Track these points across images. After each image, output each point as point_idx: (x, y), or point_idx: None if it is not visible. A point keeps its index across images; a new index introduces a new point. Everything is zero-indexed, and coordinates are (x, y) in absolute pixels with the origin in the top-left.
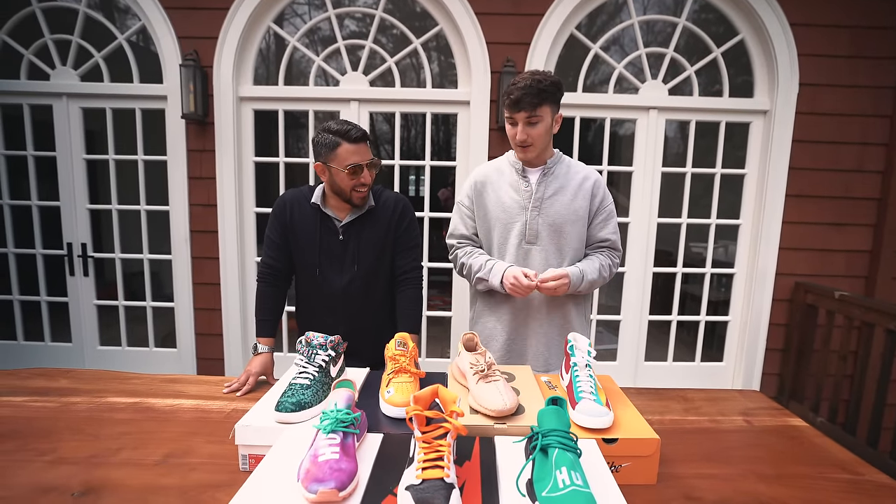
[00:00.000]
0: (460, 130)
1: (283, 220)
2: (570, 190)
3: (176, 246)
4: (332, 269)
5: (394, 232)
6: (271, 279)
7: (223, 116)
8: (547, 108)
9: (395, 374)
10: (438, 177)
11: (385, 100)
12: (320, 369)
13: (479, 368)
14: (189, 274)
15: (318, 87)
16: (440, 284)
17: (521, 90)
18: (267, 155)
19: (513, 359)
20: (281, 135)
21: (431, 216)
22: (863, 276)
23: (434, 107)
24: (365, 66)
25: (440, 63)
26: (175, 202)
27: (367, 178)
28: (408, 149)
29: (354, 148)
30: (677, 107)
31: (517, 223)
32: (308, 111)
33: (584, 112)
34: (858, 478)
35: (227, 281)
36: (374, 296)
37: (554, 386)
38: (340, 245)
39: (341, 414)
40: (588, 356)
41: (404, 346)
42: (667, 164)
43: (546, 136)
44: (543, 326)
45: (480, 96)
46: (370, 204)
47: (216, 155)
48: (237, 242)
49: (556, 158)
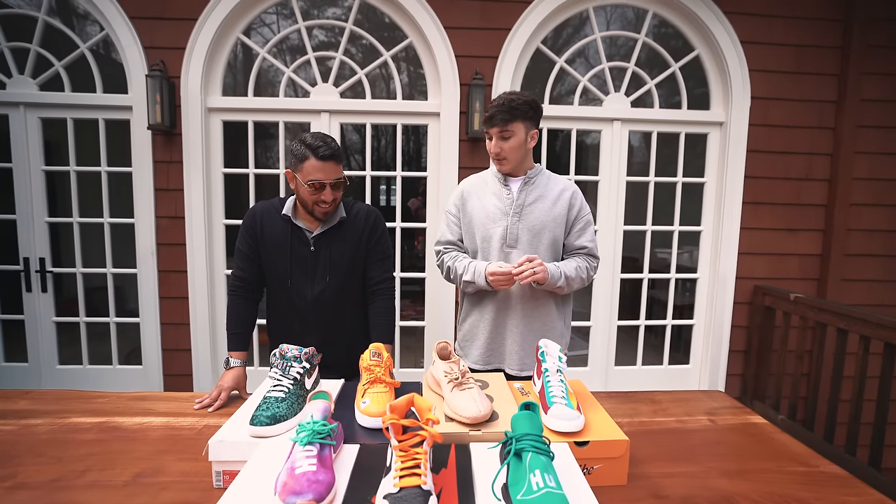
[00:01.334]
0: (431, 141)
1: (254, 232)
2: (550, 198)
3: (141, 259)
4: (303, 281)
5: (365, 243)
6: (242, 292)
7: (191, 127)
8: (519, 124)
9: (370, 385)
10: (409, 187)
11: (356, 111)
12: (295, 382)
13: (453, 377)
14: (155, 288)
15: (288, 97)
16: (412, 294)
17: (494, 108)
18: (236, 166)
19: (493, 358)
20: (251, 146)
21: (403, 226)
22: (815, 278)
23: (404, 118)
24: (335, 78)
25: (410, 74)
26: (141, 214)
27: (328, 196)
28: (378, 159)
29: (320, 165)
30: (639, 118)
31: (499, 228)
32: (278, 122)
33: (550, 123)
34: (813, 469)
35: (196, 294)
36: (346, 307)
37: (526, 392)
38: (312, 256)
39: (318, 425)
40: (559, 361)
41: (379, 356)
42: (631, 173)
43: (519, 150)
44: (520, 327)
45: (450, 108)
46: (341, 215)
47: (184, 166)
48: (206, 255)
49: (537, 170)
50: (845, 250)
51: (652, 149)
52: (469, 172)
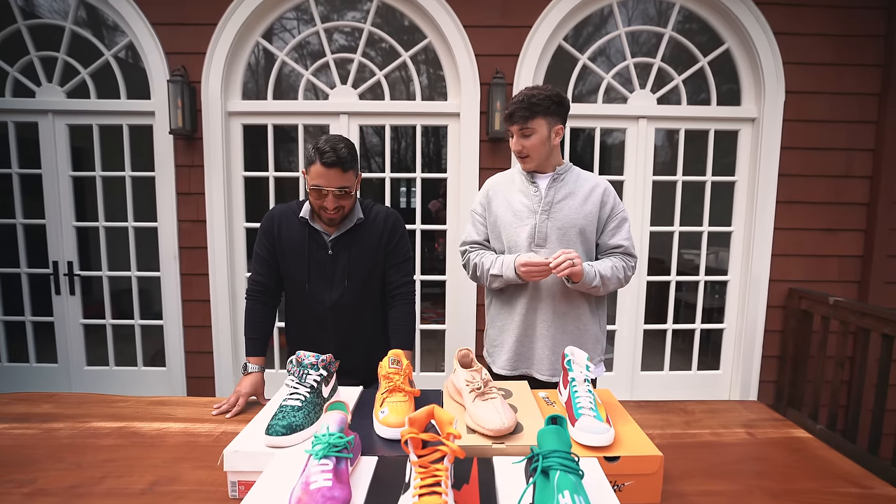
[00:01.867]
0: (451, 142)
1: (272, 236)
2: (580, 196)
3: (164, 262)
4: (321, 285)
5: (384, 246)
6: (260, 296)
7: (212, 131)
8: (541, 120)
9: (389, 394)
10: (429, 189)
11: (375, 112)
12: (312, 389)
13: (475, 386)
14: (178, 291)
15: (307, 100)
16: (433, 297)
17: (514, 104)
18: (256, 169)
19: (521, 363)
20: (270, 149)
21: (423, 228)
22: (856, 281)
23: (424, 119)
24: (354, 80)
25: (429, 75)
26: (163, 218)
27: (330, 203)
28: (398, 161)
29: (323, 171)
30: (666, 115)
31: (527, 227)
32: (297, 125)
33: (573, 122)
34: (868, 492)
35: (217, 297)
36: (365, 311)
37: (552, 401)
38: (330, 260)
39: (334, 438)
40: (587, 370)
41: (398, 363)
42: (657, 172)
43: (542, 147)
44: (551, 329)
45: (470, 108)
46: (359, 217)
47: (205, 170)
48: (227, 258)
49: (566, 167)
50: (889, 251)
51: (679, 147)
52: (490, 173)
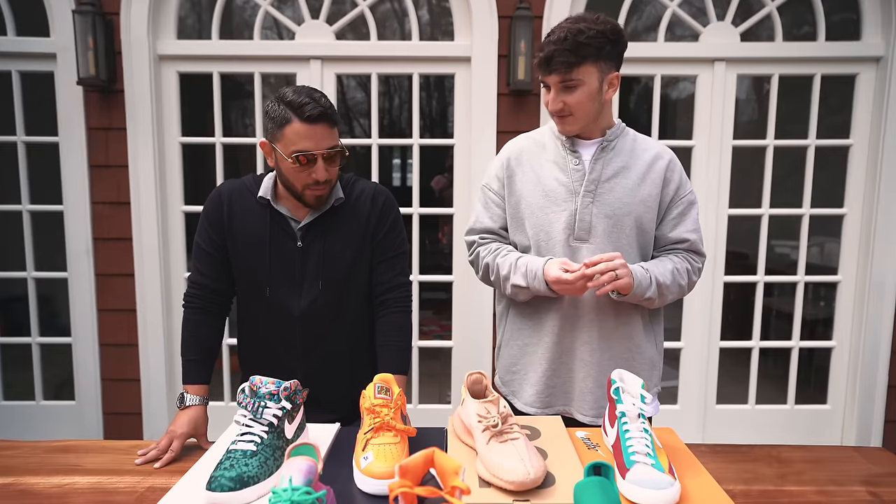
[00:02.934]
0: (458, 96)
1: (219, 222)
2: (637, 172)
3: (73, 259)
4: (287, 288)
5: (371, 236)
6: (202, 303)
7: (136, 82)
8: (590, 67)
9: (374, 433)
10: (431, 160)
11: (357, 57)
12: (271, 428)
13: (490, 423)
14: (92, 297)
15: (266, 41)
16: (436, 304)
17: (553, 45)
18: (199, 134)
19: (555, 399)
20: (217, 106)
21: (423, 212)
22: None
23: (423, 65)
24: (329, 13)
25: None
26: (71, 199)
27: (321, 173)
28: (389, 123)
29: (306, 130)
30: (753, 57)
31: (564, 213)
32: (253, 74)
33: (625, 68)
34: None
35: (147, 305)
36: (344, 323)
37: (595, 444)
38: (299, 254)
39: (297, 494)
40: (641, 401)
41: (387, 392)
42: (739, 135)
43: (590, 103)
44: (595, 354)
45: (485, 50)
46: (337, 197)
47: (128, 134)
48: (159, 253)
49: (618, 130)
50: None
51: (771, 100)
52: (511, 137)
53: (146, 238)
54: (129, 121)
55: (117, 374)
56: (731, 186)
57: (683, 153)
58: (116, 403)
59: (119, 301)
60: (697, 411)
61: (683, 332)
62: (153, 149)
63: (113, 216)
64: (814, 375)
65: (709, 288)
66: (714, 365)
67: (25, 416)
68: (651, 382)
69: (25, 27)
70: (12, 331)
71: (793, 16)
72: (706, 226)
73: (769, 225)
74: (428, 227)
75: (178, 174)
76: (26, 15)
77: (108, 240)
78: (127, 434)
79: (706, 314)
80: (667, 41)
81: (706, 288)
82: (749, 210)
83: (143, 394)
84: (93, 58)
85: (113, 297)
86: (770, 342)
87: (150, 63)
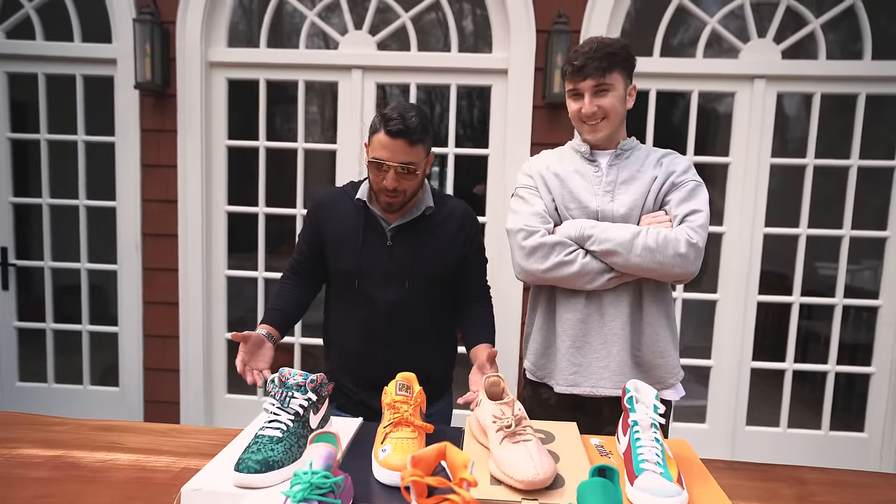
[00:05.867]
0: (495, 107)
1: (315, 225)
2: (647, 176)
3: (123, 253)
4: (374, 282)
5: (459, 248)
6: (295, 277)
7: (188, 87)
8: (618, 75)
9: (393, 428)
10: (468, 168)
11: (397, 67)
12: (296, 417)
13: (504, 423)
14: (139, 290)
15: (311, 49)
16: None
17: (585, 55)
18: (244, 137)
19: (580, 376)
20: (262, 112)
21: None
22: None
23: (461, 77)
24: (372, 24)
25: (473, 18)
26: (124, 196)
27: (390, 181)
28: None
29: (387, 142)
30: (794, 74)
31: (585, 213)
32: (298, 81)
33: (662, 83)
34: None
35: (189, 300)
36: (423, 323)
37: (608, 452)
38: (387, 252)
39: (317, 477)
40: (654, 412)
41: (408, 389)
42: (778, 153)
43: (620, 107)
44: (624, 353)
45: (522, 62)
46: (428, 206)
47: (178, 136)
48: (202, 250)
49: (631, 143)
50: None
51: (812, 118)
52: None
53: (191, 235)
54: (180, 124)
55: (158, 364)
56: (769, 204)
57: (720, 169)
58: (156, 392)
59: (163, 294)
60: (726, 432)
61: (714, 350)
62: (201, 150)
63: (161, 213)
64: (853, 401)
65: (741, 306)
66: (745, 385)
67: (74, 399)
68: (674, 365)
69: (90, 34)
70: (66, 318)
71: (839, 33)
72: (742, 245)
73: (807, 245)
74: None
75: (224, 175)
76: (93, 23)
77: (156, 236)
78: (166, 421)
79: (738, 333)
80: (707, 57)
81: (738, 305)
82: (786, 229)
83: (182, 384)
84: (149, 64)
85: (158, 290)
86: (805, 365)
87: (201, 69)
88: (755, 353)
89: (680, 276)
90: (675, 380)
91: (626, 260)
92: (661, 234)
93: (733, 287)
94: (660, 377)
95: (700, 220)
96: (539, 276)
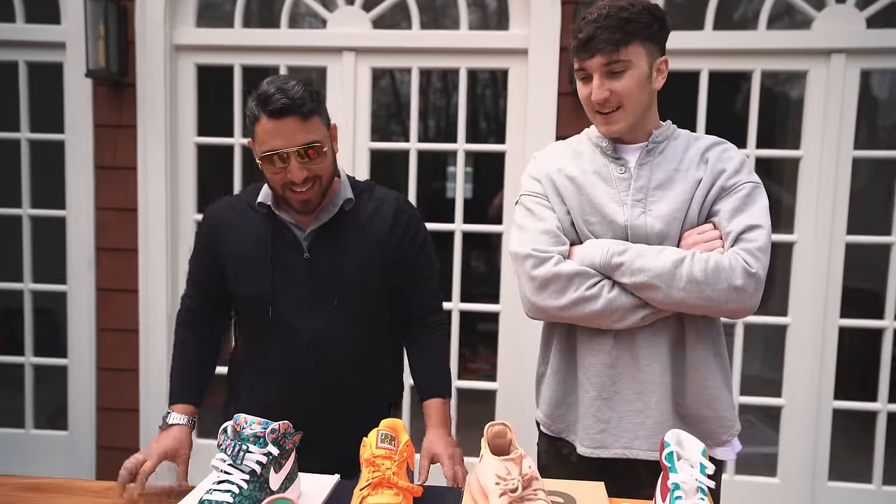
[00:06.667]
0: (512, 94)
1: (209, 247)
2: (692, 175)
3: (74, 271)
4: (293, 306)
5: (393, 250)
6: (189, 331)
7: (150, 74)
8: (638, 48)
9: (372, 490)
10: (483, 169)
11: (396, 49)
12: (252, 477)
13: (510, 486)
14: (92, 315)
15: (293, 30)
16: (485, 338)
17: (593, 23)
18: (216, 134)
19: (609, 434)
20: (237, 103)
21: (466, 229)
22: None
23: (472, 59)
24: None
25: None
26: (75, 204)
27: (295, 173)
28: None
29: (274, 125)
30: (881, 47)
31: (610, 228)
32: (279, 67)
33: (715, 62)
34: None
35: (150, 326)
36: (361, 350)
37: None
38: (305, 266)
39: None
40: (702, 472)
41: (392, 441)
42: (864, 144)
43: (641, 92)
44: (667, 403)
45: (544, 41)
46: (346, 197)
47: (138, 132)
48: (167, 267)
49: (667, 131)
50: None
51: None
52: None
53: (153, 249)
54: (140, 118)
55: (115, 403)
56: (851, 207)
57: (791, 165)
58: (112, 436)
59: (121, 320)
60: (803, 488)
61: (785, 387)
62: (165, 149)
63: (119, 224)
64: None
65: (818, 332)
66: (826, 430)
67: (13, 446)
68: (727, 416)
69: (35, 14)
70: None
71: None
72: (817, 256)
73: None
74: (479, 245)
75: (192, 178)
76: (38, 2)
77: (113, 250)
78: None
79: (815, 365)
80: (770, 29)
81: (815, 332)
82: (875, 237)
83: (142, 427)
84: (103, 47)
85: (115, 315)
86: None
87: (165, 53)
88: (838, 390)
89: (734, 313)
90: (730, 435)
91: (667, 295)
92: (712, 262)
93: (808, 308)
94: (710, 432)
95: (760, 241)
96: (554, 315)
